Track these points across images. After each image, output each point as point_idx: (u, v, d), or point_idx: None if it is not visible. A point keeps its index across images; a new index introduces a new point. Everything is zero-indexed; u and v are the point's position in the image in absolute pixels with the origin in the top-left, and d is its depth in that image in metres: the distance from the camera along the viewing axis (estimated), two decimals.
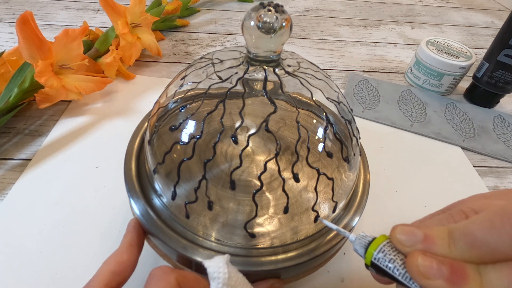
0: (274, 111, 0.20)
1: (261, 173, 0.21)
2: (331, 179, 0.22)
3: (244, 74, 0.22)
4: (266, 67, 0.22)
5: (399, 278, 0.15)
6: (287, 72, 0.22)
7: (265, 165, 0.21)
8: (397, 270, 0.15)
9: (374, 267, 0.16)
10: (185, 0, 0.62)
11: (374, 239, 0.17)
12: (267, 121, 0.20)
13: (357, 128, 0.25)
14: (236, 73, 0.22)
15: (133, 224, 0.23)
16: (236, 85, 0.21)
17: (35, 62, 0.34)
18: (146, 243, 0.24)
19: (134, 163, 0.25)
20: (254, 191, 0.21)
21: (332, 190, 0.22)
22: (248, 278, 0.19)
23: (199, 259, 0.20)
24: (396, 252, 0.15)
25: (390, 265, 0.15)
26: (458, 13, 0.78)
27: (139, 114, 0.30)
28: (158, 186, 0.23)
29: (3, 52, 0.38)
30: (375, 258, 0.16)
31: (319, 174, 0.21)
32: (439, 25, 0.72)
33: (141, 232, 0.23)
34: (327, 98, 0.23)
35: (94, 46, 0.45)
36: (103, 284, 0.19)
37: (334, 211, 0.23)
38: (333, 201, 0.22)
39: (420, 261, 0.14)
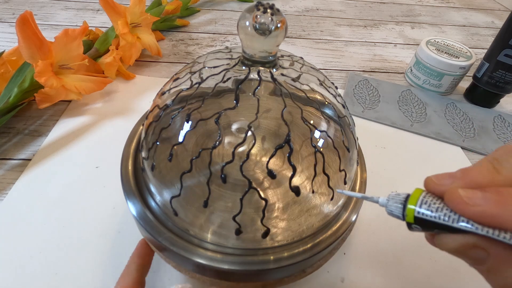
0: (285, 107, 0.20)
1: (269, 171, 0.20)
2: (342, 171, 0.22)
3: (246, 77, 0.21)
4: (261, 68, 0.22)
5: (451, 224, 0.13)
6: (282, 74, 0.22)
7: (267, 163, 0.21)
8: (447, 216, 0.13)
9: (419, 223, 0.14)
10: (185, 0, 0.62)
11: (408, 195, 0.15)
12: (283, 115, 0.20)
13: (354, 123, 0.25)
14: (232, 73, 0.22)
15: (138, 246, 0.23)
16: (233, 86, 0.21)
17: (35, 62, 0.34)
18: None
19: (131, 165, 0.25)
20: (258, 189, 0.21)
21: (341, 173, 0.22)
22: (246, 277, 0.19)
23: (197, 259, 0.20)
24: (440, 201, 0.14)
25: (437, 214, 0.14)
26: (458, 13, 0.78)
27: (139, 114, 0.30)
28: (155, 190, 0.23)
29: (3, 52, 0.38)
30: (418, 212, 0.14)
31: (324, 159, 0.21)
32: (439, 25, 0.72)
33: (147, 253, 0.23)
34: (323, 97, 0.23)
35: (94, 46, 0.45)
36: None
37: (345, 182, 0.23)
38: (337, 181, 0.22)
39: (461, 192, 0.13)
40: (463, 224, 0.13)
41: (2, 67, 0.37)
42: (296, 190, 0.21)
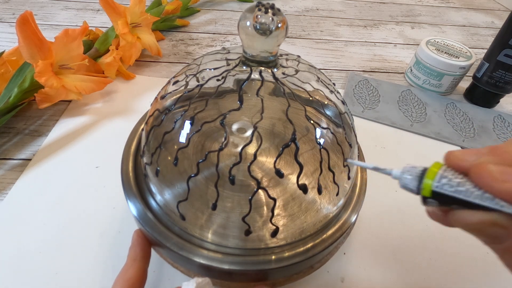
0: (288, 106, 0.20)
1: (277, 170, 0.20)
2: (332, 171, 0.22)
3: (248, 77, 0.21)
4: (262, 68, 0.22)
5: (473, 200, 0.13)
6: (283, 73, 0.22)
7: (275, 162, 0.21)
8: (469, 192, 0.13)
9: (437, 198, 0.14)
10: (185, 0, 0.62)
11: (425, 168, 0.15)
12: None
13: (352, 118, 0.25)
14: (233, 74, 0.22)
15: (135, 237, 0.23)
16: (234, 86, 0.21)
17: (35, 62, 0.34)
18: None
19: (131, 165, 0.25)
20: (266, 189, 0.21)
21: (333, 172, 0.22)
22: (245, 277, 0.19)
23: (196, 259, 0.20)
24: (462, 176, 0.13)
25: (460, 188, 0.13)
26: (458, 13, 0.78)
27: (139, 114, 0.30)
28: (159, 194, 0.23)
29: (3, 52, 0.38)
30: (437, 186, 0.14)
31: (328, 155, 0.21)
32: (439, 25, 0.72)
33: (145, 244, 0.23)
34: (323, 96, 0.23)
35: (94, 46, 0.45)
36: None
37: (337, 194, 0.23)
38: (335, 183, 0.22)
39: (493, 167, 0.12)
40: (487, 201, 0.12)
41: (2, 67, 0.37)
42: (304, 188, 0.21)
